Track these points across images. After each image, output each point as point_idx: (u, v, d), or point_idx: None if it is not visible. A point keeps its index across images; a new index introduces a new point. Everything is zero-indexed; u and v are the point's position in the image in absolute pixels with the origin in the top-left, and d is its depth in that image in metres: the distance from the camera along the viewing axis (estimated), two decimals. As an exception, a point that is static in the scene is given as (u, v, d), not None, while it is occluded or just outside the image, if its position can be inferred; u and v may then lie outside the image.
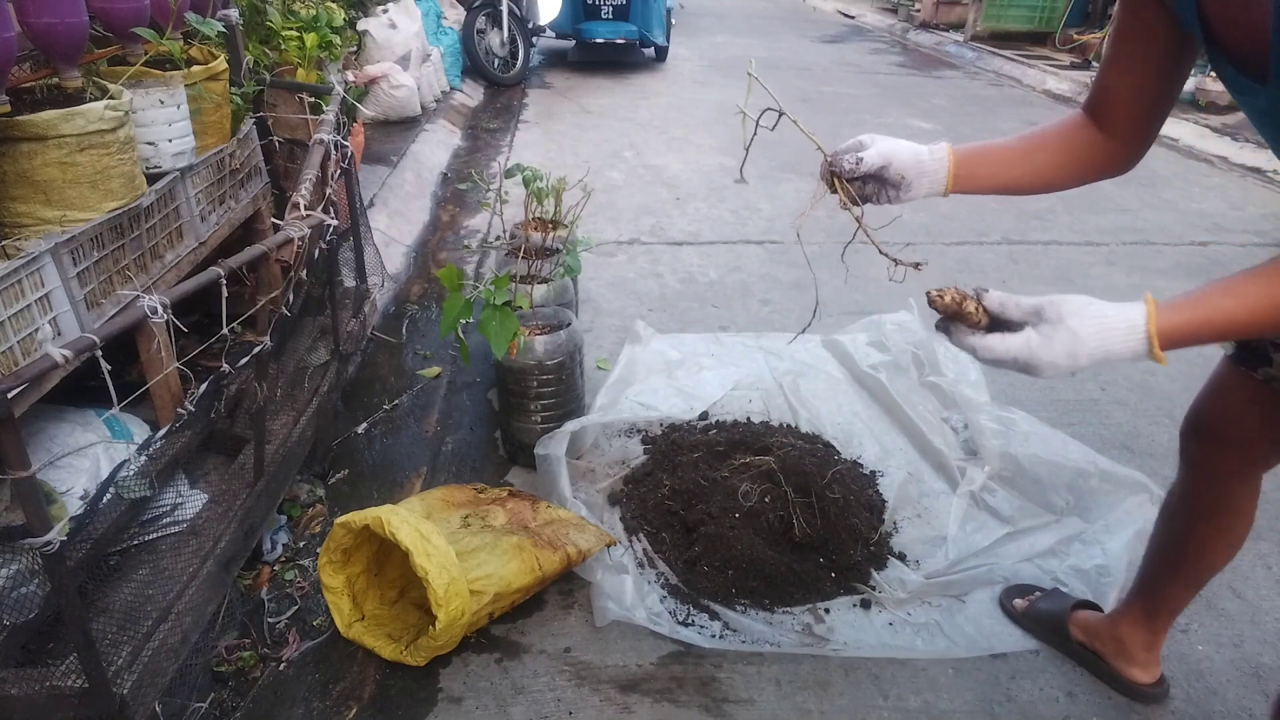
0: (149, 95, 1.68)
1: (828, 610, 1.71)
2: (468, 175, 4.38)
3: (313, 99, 2.53)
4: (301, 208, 1.57)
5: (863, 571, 1.78)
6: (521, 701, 1.51)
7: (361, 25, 4.65)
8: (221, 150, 1.99)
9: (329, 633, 1.62)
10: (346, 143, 2.02)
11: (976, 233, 3.84)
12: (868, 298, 3.08)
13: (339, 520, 1.56)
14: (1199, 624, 1.72)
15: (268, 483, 1.63)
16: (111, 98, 1.50)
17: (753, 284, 3.24)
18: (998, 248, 3.69)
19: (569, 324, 2.10)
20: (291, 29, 2.86)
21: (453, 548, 1.50)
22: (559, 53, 8.00)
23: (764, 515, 1.81)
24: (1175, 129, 5.83)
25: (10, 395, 0.92)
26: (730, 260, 3.46)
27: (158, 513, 1.57)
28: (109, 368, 1.03)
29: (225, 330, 1.31)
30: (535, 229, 2.38)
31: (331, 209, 1.68)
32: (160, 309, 1.12)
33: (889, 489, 2.04)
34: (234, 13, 2.11)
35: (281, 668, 1.55)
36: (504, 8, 6.10)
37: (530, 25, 6.55)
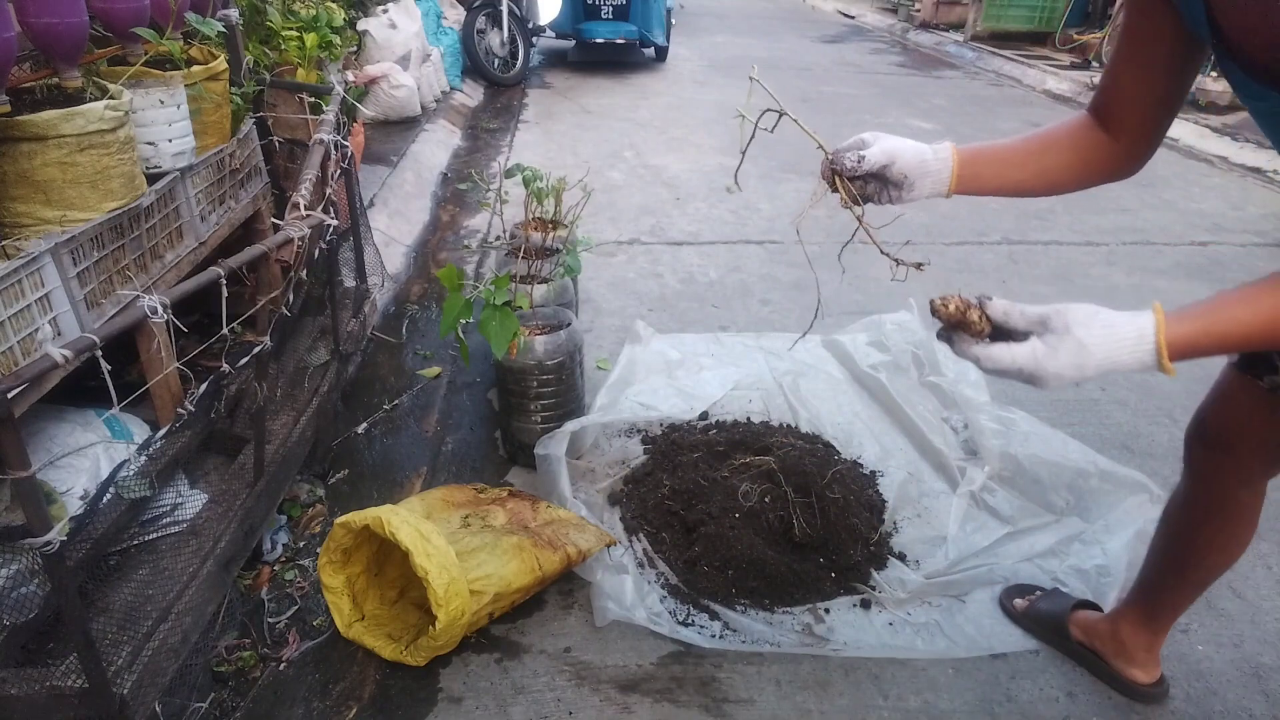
0: (149, 95, 1.68)
1: (828, 610, 1.71)
2: (468, 175, 4.38)
3: (313, 99, 2.53)
4: (301, 208, 1.57)
5: (863, 571, 1.78)
6: (521, 701, 1.51)
7: (361, 25, 4.65)
8: (221, 150, 1.99)
9: (329, 633, 1.62)
10: (346, 143, 2.02)
11: (976, 232, 3.84)
12: (868, 298, 3.08)
13: (339, 520, 1.56)
14: (1199, 624, 1.72)
15: (268, 483, 1.63)
16: (111, 98, 1.50)
17: (753, 284, 3.24)
18: (998, 247, 3.69)
19: (569, 324, 2.10)
20: (291, 29, 2.86)
21: (453, 548, 1.50)
22: (559, 53, 8.00)
23: (764, 515, 1.81)
24: (1175, 129, 5.78)
25: (10, 395, 0.92)
26: (730, 260, 3.46)
27: (158, 513, 1.57)
28: (109, 368, 1.03)
29: (225, 330, 1.31)
30: (535, 229, 2.38)
31: (331, 209, 1.67)
32: (160, 309, 1.12)
33: (889, 489, 2.04)
34: (234, 13, 2.11)
35: (281, 668, 1.55)
36: (504, 8, 6.10)
37: (530, 25, 6.55)
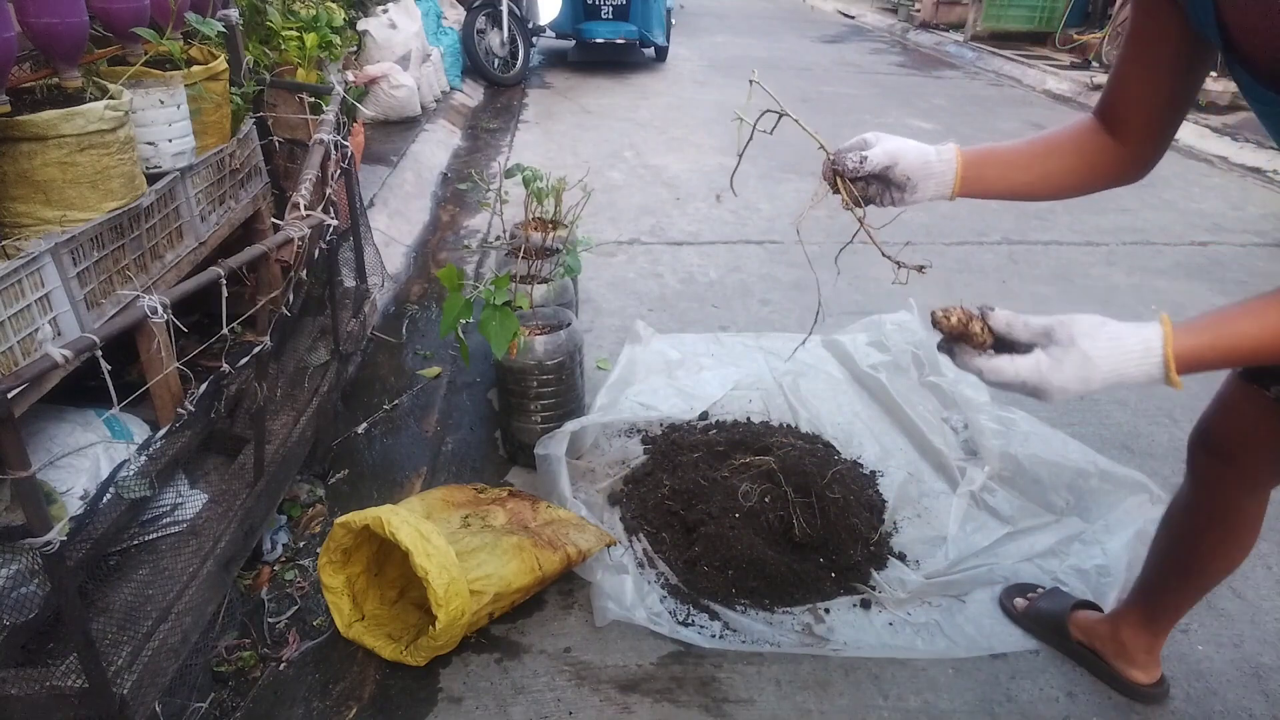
0: (149, 95, 1.68)
1: (828, 610, 1.71)
2: (468, 175, 4.38)
3: (313, 99, 2.53)
4: (301, 208, 1.57)
5: (863, 571, 1.78)
6: (521, 701, 1.51)
7: (361, 25, 4.65)
8: (221, 150, 1.99)
9: (329, 633, 1.62)
10: (346, 143, 2.02)
11: (976, 232, 3.84)
12: (868, 298, 3.08)
13: (339, 520, 1.56)
14: (1199, 624, 1.72)
15: (268, 483, 1.63)
16: (111, 98, 1.50)
17: (753, 284, 3.24)
18: (998, 247, 3.69)
19: (569, 324, 2.10)
20: (291, 29, 2.86)
21: (453, 548, 1.50)
22: (559, 53, 8.00)
23: (764, 515, 1.81)
24: (1175, 129, 5.83)
25: (10, 395, 0.92)
26: (730, 260, 3.46)
27: (158, 513, 1.57)
28: (109, 368, 1.03)
29: (225, 330, 1.31)
30: (535, 229, 2.38)
31: (331, 209, 1.67)
32: (160, 309, 1.12)
33: (889, 489, 2.04)
34: (234, 13, 2.11)
35: (281, 668, 1.55)
36: (504, 8, 6.10)
37: (530, 25, 6.55)
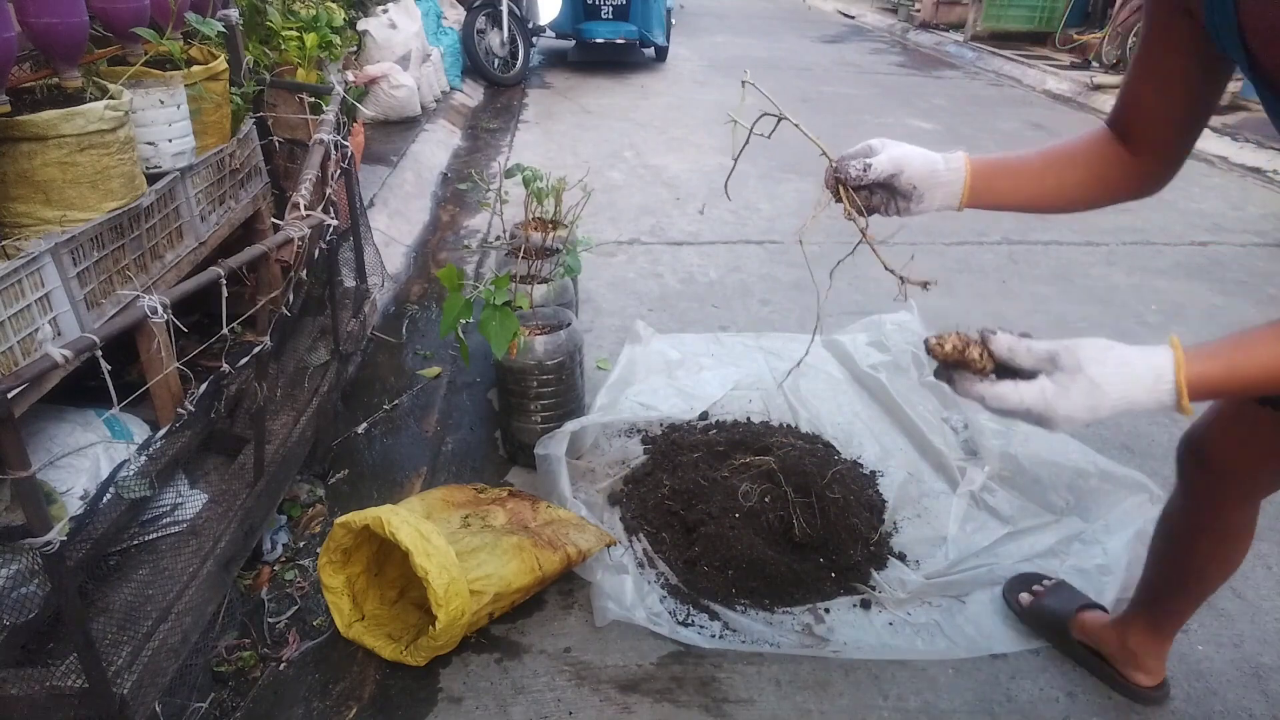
0: (149, 95, 1.68)
1: (828, 610, 1.71)
2: (468, 175, 4.38)
3: (313, 99, 2.53)
4: (301, 208, 1.57)
5: (863, 571, 1.78)
6: (521, 701, 1.51)
7: (361, 25, 4.65)
8: (221, 150, 1.99)
9: (329, 633, 1.62)
10: (346, 143, 2.02)
11: (976, 233, 3.84)
12: (868, 298, 3.08)
13: (339, 520, 1.56)
14: (1199, 624, 1.72)
15: (268, 483, 1.63)
16: (111, 98, 1.50)
17: (753, 284, 3.24)
18: (998, 248, 3.69)
19: (569, 324, 2.10)
20: (291, 29, 2.86)
21: (453, 548, 1.50)
22: (559, 53, 8.00)
23: (764, 515, 1.81)
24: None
25: (10, 395, 0.92)
26: (730, 260, 3.46)
27: (158, 513, 1.57)
28: (109, 368, 1.03)
29: (225, 330, 1.31)
30: (535, 229, 2.38)
31: (331, 209, 1.67)
32: (160, 309, 1.12)
33: (889, 489, 2.04)
34: (234, 13, 2.11)
35: (281, 668, 1.55)
36: (504, 8, 6.10)
37: (530, 25, 6.55)
